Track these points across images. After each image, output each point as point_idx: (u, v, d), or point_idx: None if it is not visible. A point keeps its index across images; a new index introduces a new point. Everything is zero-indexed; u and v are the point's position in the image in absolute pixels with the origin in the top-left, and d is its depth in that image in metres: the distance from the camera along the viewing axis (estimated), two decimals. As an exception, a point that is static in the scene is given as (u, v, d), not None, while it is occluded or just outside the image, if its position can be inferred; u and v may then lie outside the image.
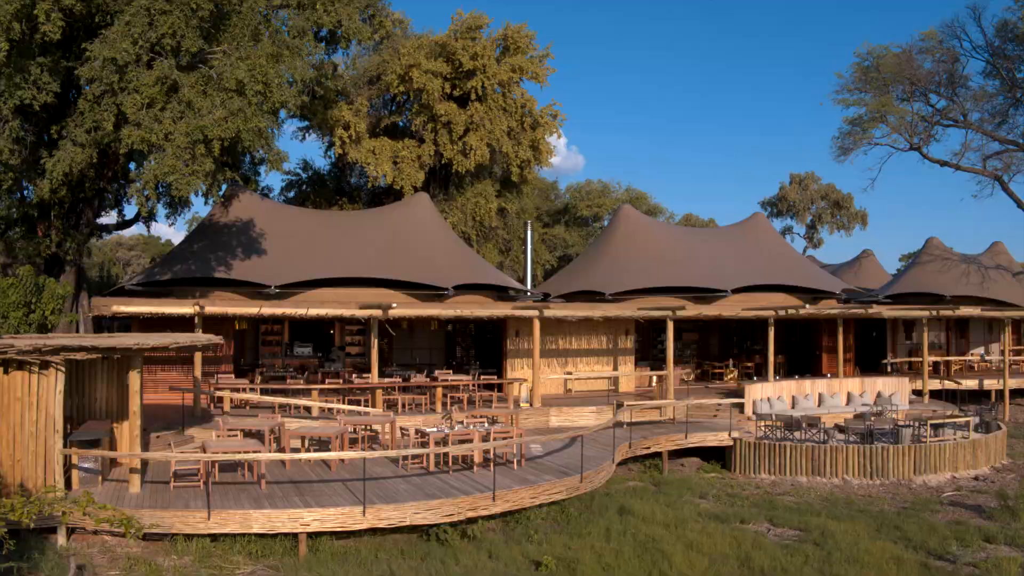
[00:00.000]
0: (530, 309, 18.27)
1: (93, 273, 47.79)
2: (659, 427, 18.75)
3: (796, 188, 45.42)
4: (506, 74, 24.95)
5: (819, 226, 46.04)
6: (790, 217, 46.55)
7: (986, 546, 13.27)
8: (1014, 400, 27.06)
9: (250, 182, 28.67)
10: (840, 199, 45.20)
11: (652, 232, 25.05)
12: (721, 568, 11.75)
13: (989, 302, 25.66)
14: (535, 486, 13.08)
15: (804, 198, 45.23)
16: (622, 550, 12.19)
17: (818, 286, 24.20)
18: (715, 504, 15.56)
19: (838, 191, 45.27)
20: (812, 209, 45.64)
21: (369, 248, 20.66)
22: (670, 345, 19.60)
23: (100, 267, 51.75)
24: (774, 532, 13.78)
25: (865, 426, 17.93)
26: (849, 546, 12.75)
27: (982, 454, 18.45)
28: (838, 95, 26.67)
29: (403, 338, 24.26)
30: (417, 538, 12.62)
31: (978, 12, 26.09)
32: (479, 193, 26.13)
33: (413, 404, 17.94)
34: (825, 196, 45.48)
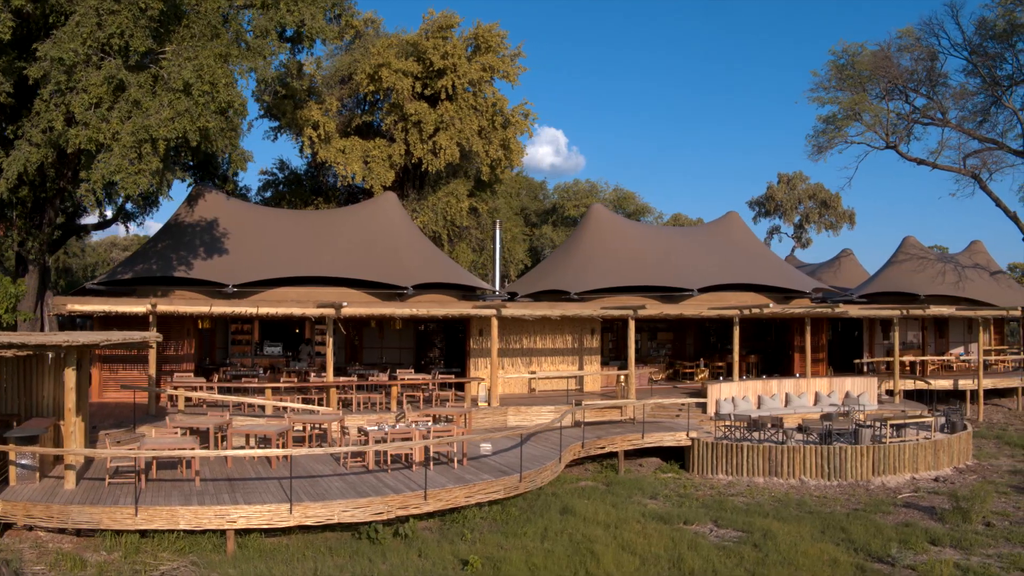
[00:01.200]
0: (487, 308, 18.22)
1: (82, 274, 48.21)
2: (617, 427, 18.63)
3: (784, 188, 45.11)
4: (476, 73, 24.91)
5: (806, 226, 45.69)
6: (778, 217, 46.25)
7: (931, 548, 13.08)
8: (992, 400, 26.74)
9: (228, 182, 28.92)
10: (827, 199, 44.82)
11: (622, 231, 24.93)
12: (651, 569, 11.64)
13: (965, 301, 25.34)
14: (470, 485, 13.04)
15: (791, 198, 44.91)
16: (554, 550, 12.11)
17: (790, 285, 24.00)
18: (663, 504, 15.44)
19: (826, 191, 44.91)
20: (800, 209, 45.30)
21: (333, 248, 20.69)
22: (631, 345, 19.49)
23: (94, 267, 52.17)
24: (716, 533, 13.65)
25: (823, 426, 17.74)
26: (788, 548, 12.60)
27: (944, 455, 18.21)
28: (813, 93, 26.49)
29: (372, 338, 24.28)
30: (351, 536, 12.63)
31: (955, 9, 25.81)
32: (450, 193, 26.09)
33: (369, 403, 17.95)
34: (813, 196, 45.12)
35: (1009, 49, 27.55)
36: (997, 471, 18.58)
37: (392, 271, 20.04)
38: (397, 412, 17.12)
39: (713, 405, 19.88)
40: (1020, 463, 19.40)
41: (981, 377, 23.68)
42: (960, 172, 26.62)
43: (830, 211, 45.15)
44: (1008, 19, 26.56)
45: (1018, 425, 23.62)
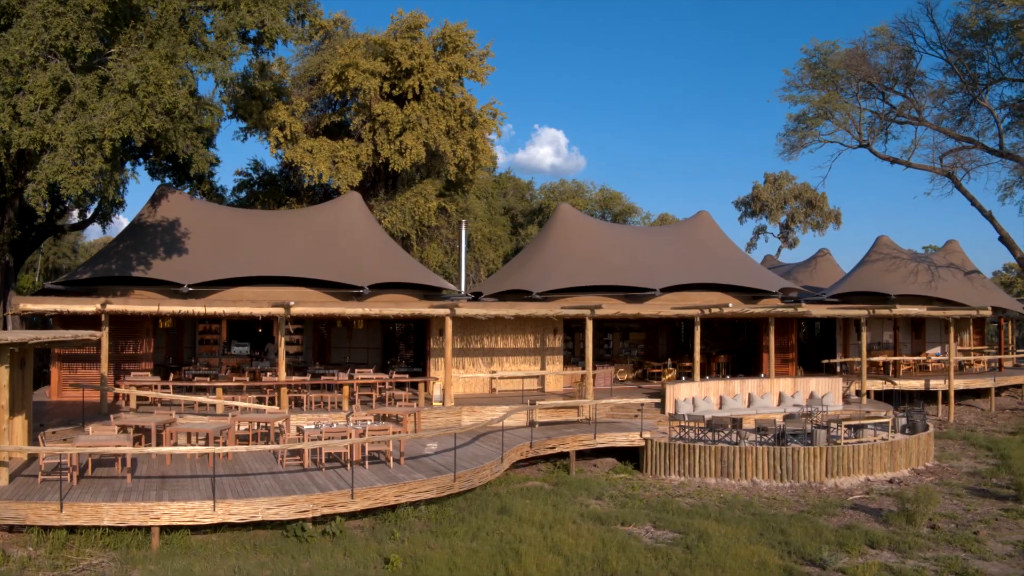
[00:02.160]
0: (442, 308, 18.22)
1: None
2: (572, 427, 18.57)
3: (769, 188, 44.81)
4: (444, 73, 24.92)
5: (792, 225, 45.34)
6: (763, 217, 45.94)
7: (868, 551, 12.93)
8: (966, 400, 26.43)
9: (203, 182, 29.12)
10: (813, 198, 44.46)
11: (589, 231, 24.84)
12: (574, 570, 11.57)
13: (937, 301, 25.05)
14: (400, 484, 13.03)
15: (777, 198, 44.57)
16: (480, 550, 12.07)
17: (757, 285, 23.82)
18: (607, 505, 15.36)
19: (812, 190, 44.55)
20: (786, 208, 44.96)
21: (294, 248, 20.78)
22: (589, 345, 19.42)
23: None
24: (652, 534, 13.56)
25: (777, 427, 17.60)
26: (720, 550, 12.49)
27: (902, 456, 18.01)
28: (785, 92, 26.27)
29: (341, 338, 24.35)
30: (280, 534, 12.67)
31: (930, 8, 25.53)
32: (419, 193, 26.10)
33: (322, 402, 18.00)
34: (798, 196, 44.78)
35: (987, 47, 27.25)
36: (956, 473, 18.35)
37: (350, 271, 20.09)
38: (348, 411, 17.16)
39: (671, 405, 19.77)
40: (981, 464, 19.16)
41: (952, 378, 23.40)
42: (935, 171, 26.33)
43: (816, 211, 44.83)
44: (985, 17, 26.28)
45: (988, 426, 23.33)
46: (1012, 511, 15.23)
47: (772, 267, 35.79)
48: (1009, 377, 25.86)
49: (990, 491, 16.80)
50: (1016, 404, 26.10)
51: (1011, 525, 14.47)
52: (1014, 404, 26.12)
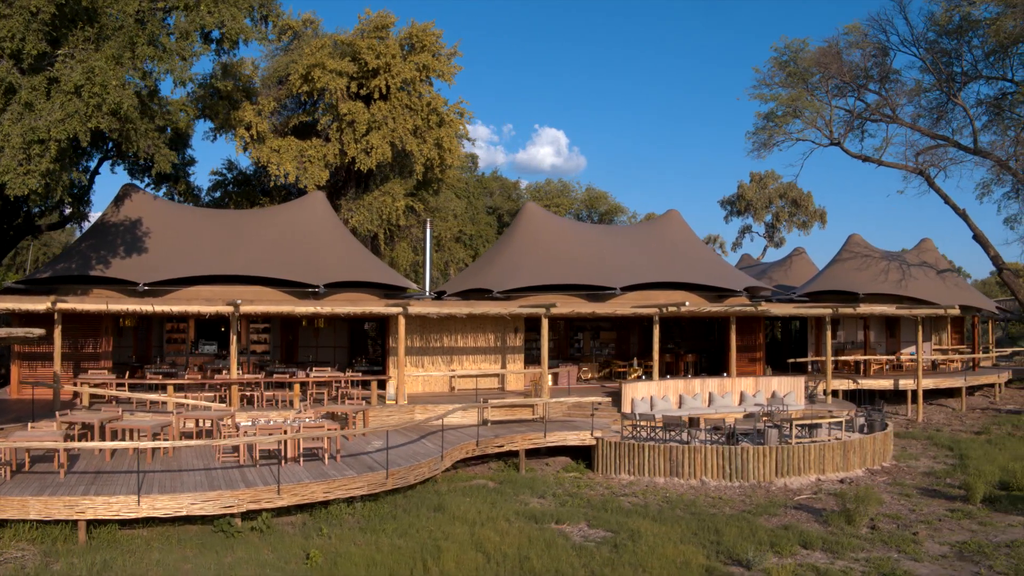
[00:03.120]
0: (394, 307, 18.29)
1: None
2: (524, 426, 18.56)
3: (755, 187, 44.57)
4: (410, 72, 24.99)
5: (778, 225, 45.07)
6: (749, 216, 45.68)
7: (800, 552, 12.83)
8: (938, 400, 26.16)
9: (179, 182, 29.39)
10: (798, 198, 44.17)
11: (555, 230, 24.81)
12: (492, 567, 11.57)
13: (908, 300, 24.81)
14: (330, 481, 13.10)
15: (762, 197, 44.33)
16: (405, 547, 12.10)
17: (722, 284, 23.69)
18: (548, 504, 15.33)
19: (798, 189, 44.25)
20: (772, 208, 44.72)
21: (255, 246, 20.91)
22: (544, 343, 19.41)
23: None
24: (583, 533, 13.52)
25: (727, 427, 17.52)
26: (647, 550, 12.44)
27: (855, 456, 17.85)
28: (755, 90, 26.10)
29: (307, 336, 24.49)
30: (210, 529, 12.78)
31: (903, 5, 25.28)
32: (386, 192, 26.20)
33: (275, 400, 18.11)
34: (783, 195, 44.49)
35: (964, 44, 26.95)
36: (911, 472, 18.18)
37: (307, 270, 20.21)
38: (298, 409, 17.26)
39: (628, 404, 19.72)
40: (939, 464, 18.97)
41: (920, 377, 23.17)
42: (907, 169, 26.08)
43: (801, 210, 44.55)
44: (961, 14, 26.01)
45: (956, 426, 23.07)
46: (958, 512, 15.06)
47: (748, 266, 35.58)
48: (981, 376, 25.58)
49: (941, 491, 16.63)
50: (987, 404, 25.80)
51: (953, 526, 14.31)
52: (985, 404, 25.82)
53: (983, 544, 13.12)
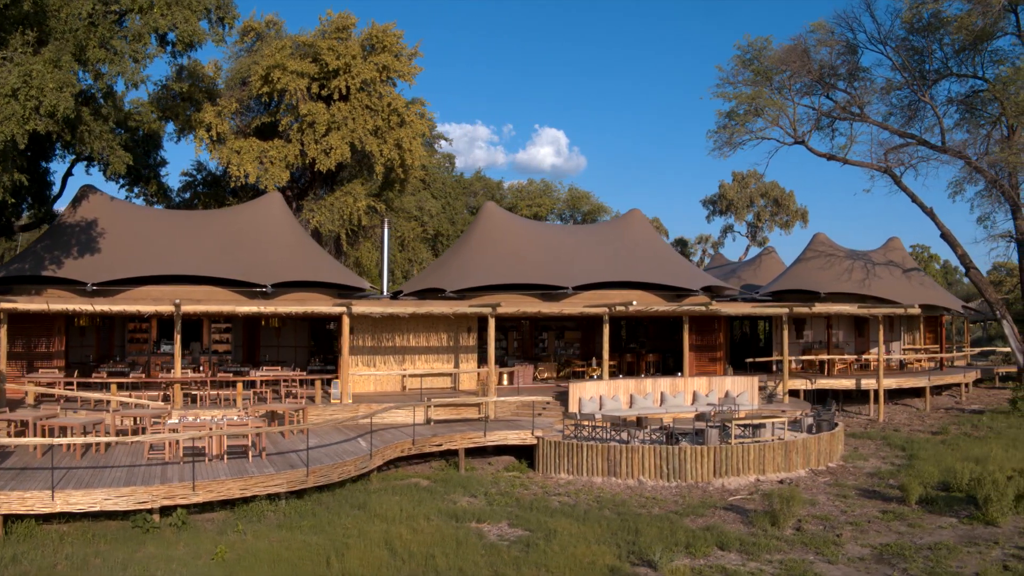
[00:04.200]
0: (339, 307, 18.40)
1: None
2: (467, 424, 18.59)
3: (736, 186, 44.29)
4: (370, 73, 25.09)
5: (760, 224, 44.76)
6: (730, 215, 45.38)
7: (715, 553, 12.76)
8: (903, 400, 25.88)
9: (150, 183, 29.72)
10: (780, 197, 43.83)
11: (513, 229, 24.80)
12: (399, 564, 11.64)
13: (870, 299, 24.57)
14: (247, 478, 13.21)
15: (743, 196, 44.03)
16: (315, 544, 12.19)
17: (679, 283, 23.58)
18: (477, 503, 15.35)
19: (780, 188, 43.91)
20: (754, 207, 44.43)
21: (209, 247, 21.10)
22: (491, 342, 19.43)
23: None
24: (501, 532, 13.53)
25: (667, 426, 17.46)
26: (557, 549, 12.43)
27: (798, 456, 17.72)
28: (718, 89, 25.91)
29: (269, 336, 24.68)
30: (129, 525, 12.94)
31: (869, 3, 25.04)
32: (348, 192, 26.34)
33: (219, 398, 18.29)
34: (765, 194, 44.16)
35: (936, 42, 26.64)
36: (856, 473, 18.00)
37: (257, 270, 20.36)
38: (240, 407, 17.40)
39: (575, 404, 19.70)
40: (887, 465, 18.78)
41: (881, 377, 22.94)
42: (873, 167, 25.78)
43: (782, 209, 44.21)
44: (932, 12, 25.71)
45: (916, 426, 22.81)
46: (890, 513, 14.91)
47: (719, 266, 35.39)
48: (946, 376, 25.27)
49: (881, 492, 16.47)
50: (953, 404, 25.49)
51: (882, 528, 14.17)
52: (951, 404, 25.51)
53: (905, 546, 12.99)
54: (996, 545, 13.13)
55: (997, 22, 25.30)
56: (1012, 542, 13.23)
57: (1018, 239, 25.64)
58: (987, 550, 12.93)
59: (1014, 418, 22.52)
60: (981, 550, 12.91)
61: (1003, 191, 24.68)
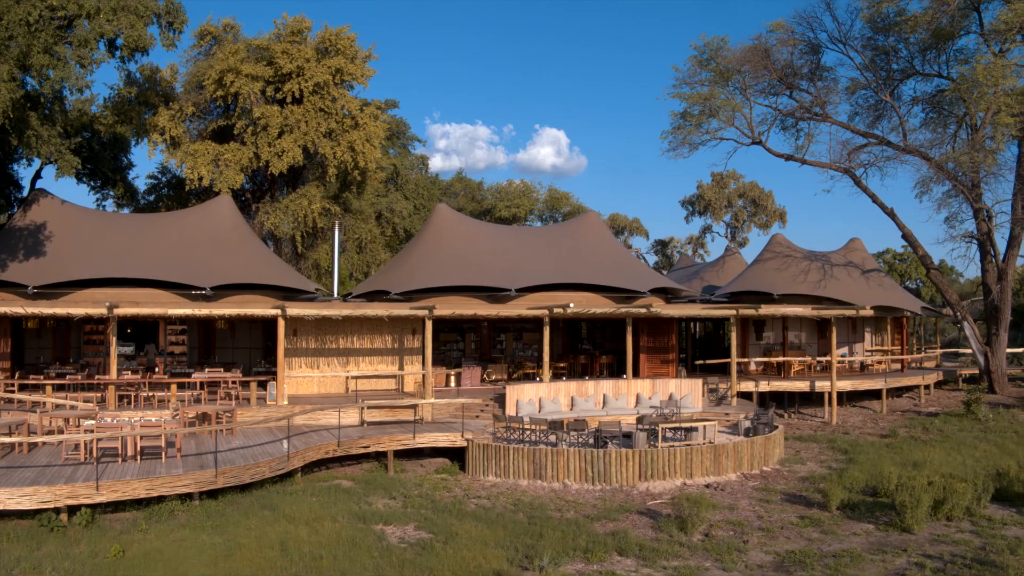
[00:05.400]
0: (274, 309, 18.57)
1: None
2: (400, 426, 18.65)
3: (714, 187, 43.89)
4: (323, 76, 25.25)
5: (738, 225, 44.33)
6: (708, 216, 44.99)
7: (612, 559, 12.70)
8: (862, 402, 25.52)
9: (116, 186, 30.16)
10: (758, 197, 43.38)
11: (464, 231, 24.80)
12: (285, 565, 11.74)
13: (826, 300, 24.26)
14: (153, 478, 13.39)
15: (720, 197, 43.63)
16: (212, 544, 12.34)
17: (628, 285, 23.44)
18: (394, 505, 15.40)
19: (759, 188, 43.45)
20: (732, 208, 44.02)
21: (156, 250, 21.38)
22: (428, 343, 19.49)
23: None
24: (404, 534, 13.57)
25: (590, 430, 17.40)
26: (451, 552, 12.48)
27: (728, 460, 17.57)
28: (675, 89, 25.69)
29: (225, 338, 24.95)
30: (38, 524, 13.17)
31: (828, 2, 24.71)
32: (303, 195, 26.53)
33: (153, 399, 18.54)
34: (743, 194, 43.73)
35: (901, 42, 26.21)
36: (789, 477, 17.80)
37: (200, 272, 20.59)
38: (173, 408, 17.63)
39: (513, 406, 19.70)
40: (823, 469, 18.55)
41: (834, 379, 22.67)
42: (832, 168, 25.41)
43: (761, 210, 43.76)
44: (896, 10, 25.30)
45: (868, 428, 22.50)
46: (807, 519, 14.75)
47: (684, 267, 35.15)
48: (903, 378, 24.88)
49: (807, 497, 16.28)
50: (911, 406, 25.09)
51: (793, 534, 14.02)
52: (909, 406, 25.12)
53: (810, 554, 12.85)
54: (904, 553, 12.95)
55: (960, 21, 24.89)
56: (921, 550, 13.04)
57: (979, 239, 25.18)
58: (893, 558, 12.76)
59: (967, 421, 22.14)
60: (886, 558, 12.74)
61: (962, 190, 24.24)
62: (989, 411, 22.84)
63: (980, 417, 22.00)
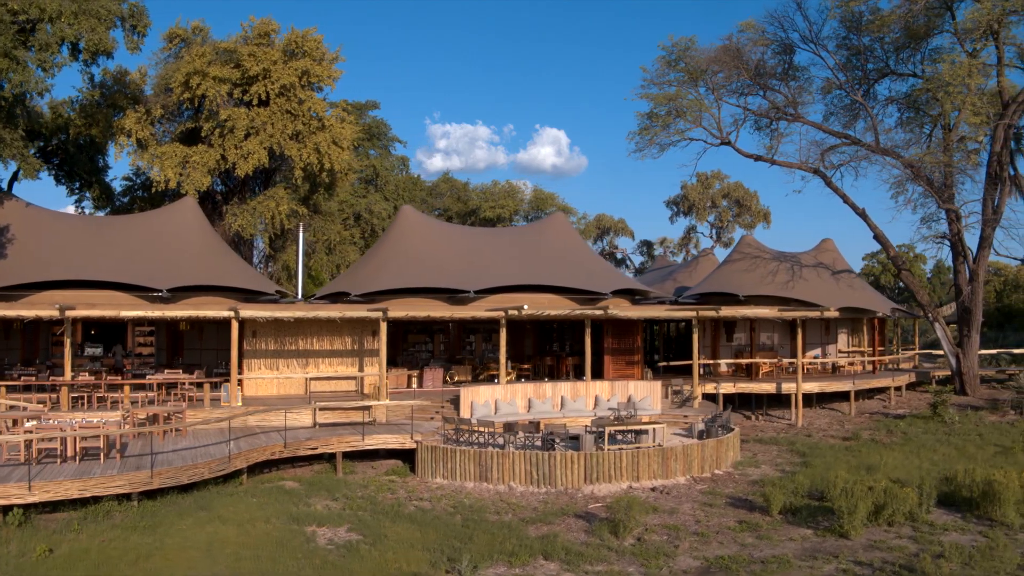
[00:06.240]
0: (228, 311, 18.69)
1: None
2: (352, 428, 18.69)
3: (699, 187, 43.60)
4: (289, 78, 25.36)
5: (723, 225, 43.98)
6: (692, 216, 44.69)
7: (536, 562, 12.64)
8: (831, 404, 25.25)
9: (93, 188, 30.48)
10: (742, 198, 43.02)
11: (427, 233, 24.80)
12: (204, 565, 11.82)
13: (793, 301, 24.02)
14: (87, 479, 13.54)
15: (704, 197, 43.32)
16: (139, 544, 12.45)
17: (589, 287, 23.35)
18: (336, 506, 15.44)
19: (744, 189, 43.10)
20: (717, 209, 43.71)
21: (118, 252, 21.58)
22: (383, 345, 19.53)
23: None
24: (335, 536, 13.59)
25: (539, 432, 17.36)
26: (375, 554, 12.52)
27: (676, 463, 17.46)
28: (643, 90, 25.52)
29: (193, 339, 25.14)
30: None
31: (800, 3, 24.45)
32: (270, 196, 26.66)
33: (107, 400, 18.72)
34: (727, 195, 43.39)
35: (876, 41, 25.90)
36: (739, 481, 17.66)
37: (160, 274, 20.76)
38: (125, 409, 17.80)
39: (467, 408, 19.70)
40: (777, 472, 18.38)
41: (800, 381, 22.47)
42: (802, 168, 25.14)
43: (745, 210, 43.41)
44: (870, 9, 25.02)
45: (833, 431, 22.26)
46: (746, 524, 14.61)
47: (659, 268, 34.96)
48: (872, 380, 24.58)
49: (751, 501, 16.14)
50: (881, 407, 24.80)
51: (728, 539, 13.89)
52: (878, 407, 24.83)
53: (739, 559, 12.74)
54: (835, 559, 12.81)
55: (934, 20, 24.56)
56: (853, 556, 12.89)
57: (951, 240, 24.82)
58: (823, 564, 12.63)
59: (933, 423, 21.86)
60: (815, 564, 12.61)
61: (930, 191, 23.91)
62: (956, 413, 22.54)
63: (946, 419, 21.72)
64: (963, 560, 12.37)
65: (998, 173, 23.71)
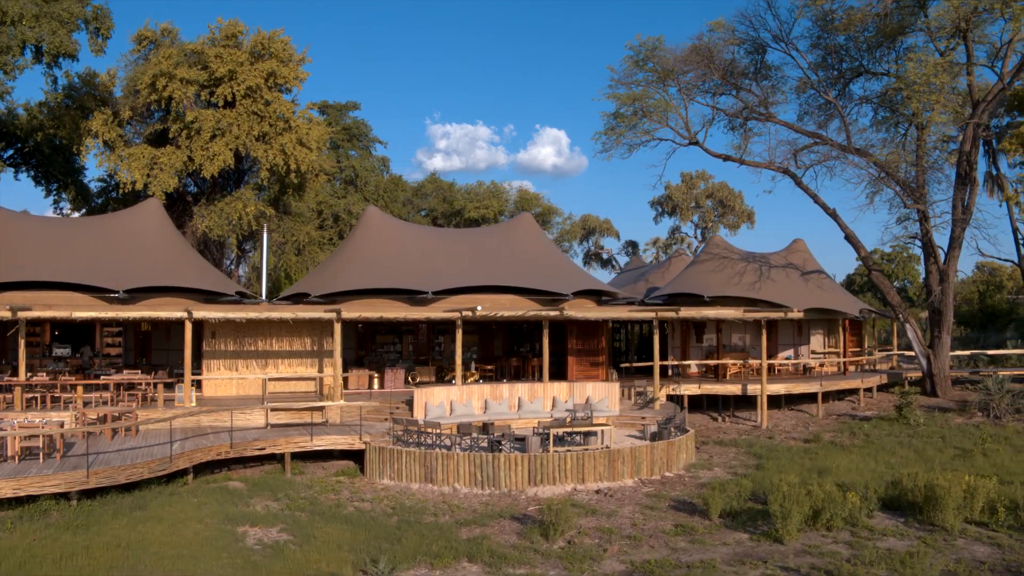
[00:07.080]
0: (182, 312, 18.82)
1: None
2: (302, 429, 18.74)
3: (683, 187, 43.32)
4: (255, 79, 25.48)
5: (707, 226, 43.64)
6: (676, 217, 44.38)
7: (459, 565, 12.61)
8: (799, 405, 24.98)
9: (69, 189, 30.79)
10: (726, 198, 42.69)
11: (392, 234, 24.80)
12: (128, 564, 11.90)
13: (760, 302, 23.79)
14: (22, 478, 13.68)
15: (688, 197, 43.02)
16: (70, 542, 12.57)
17: (550, 288, 23.26)
18: (276, 507, 15.47)
19: (729, 189, 42.77)
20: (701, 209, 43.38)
21: (79, 253, 21.77)
22: (337, 346, 19.58)
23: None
24: (264, 536, 13.61)
25: (487, 434, 17.32)
26: (298, 554, 12.55)
27: (624, 465, 17.35)
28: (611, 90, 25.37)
29: (161, 339, 25.33)
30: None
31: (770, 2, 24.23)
32: (238, 198, 26.79)
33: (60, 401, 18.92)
34: (711, 195, 43.05)
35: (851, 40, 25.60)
36: (689, 484, 17.51)
37: (119, 275, 20.91)
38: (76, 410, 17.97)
39: (421, 409, 19.70)
40: (728, 475, 18.20)
41: (764, 382, 22.26)
42: (771, 168, 24.88)
43: (729, 210, 43.08)
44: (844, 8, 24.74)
45: (797, 432, 22.02)
46: (682, 527, 14.49)
47: (633, 268, 34.76)
48: (840, 381, 24.29)
49: (693, 504, 16.00)
50: (849, 409, 24.49)
51: (660, 543, 13.77)
52: (847, 409, 24.52)
53: (665, 564, 12.62)
54: (763, 564, 12.66)
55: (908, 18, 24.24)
56: (782, 561, 12.73)
57: (923, 240, 24.46)
58: (749, 569, 12.49)
59: (898, 425, 21.58)
60: (742, 569, 12.47)
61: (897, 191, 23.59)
62: (923, 415, 22.24)
63: (911, 421, 21.43)
64: (891, 566, 12.20)
65: (968, 173, 23.38)
